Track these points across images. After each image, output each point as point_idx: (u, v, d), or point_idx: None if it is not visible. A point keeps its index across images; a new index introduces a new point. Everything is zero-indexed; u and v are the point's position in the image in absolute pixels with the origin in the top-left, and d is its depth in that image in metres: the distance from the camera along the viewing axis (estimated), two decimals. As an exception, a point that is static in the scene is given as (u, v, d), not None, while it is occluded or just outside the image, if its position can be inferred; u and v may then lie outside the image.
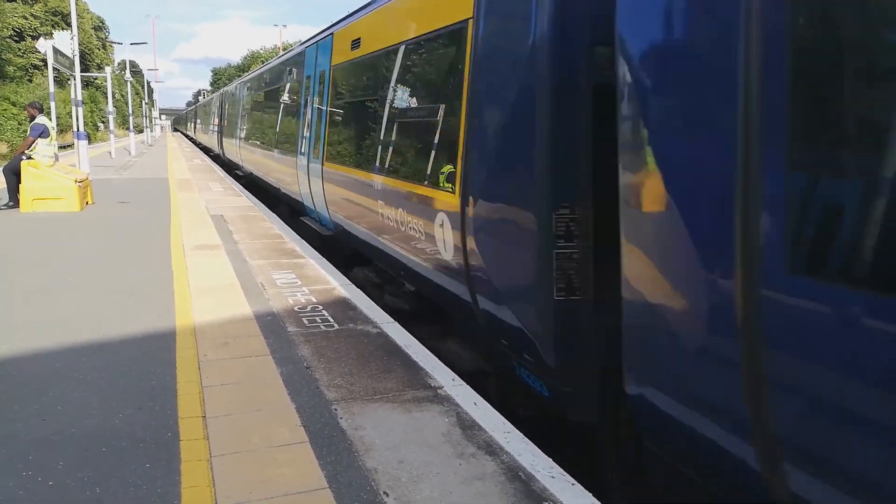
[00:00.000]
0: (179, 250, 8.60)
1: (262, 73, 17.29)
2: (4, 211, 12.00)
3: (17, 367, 4.44)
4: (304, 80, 10.90)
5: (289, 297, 6.40)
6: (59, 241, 9.28)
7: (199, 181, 19.18)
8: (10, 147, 31.21)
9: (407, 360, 4.75)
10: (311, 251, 8.89)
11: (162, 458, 3.29)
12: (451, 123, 4.77)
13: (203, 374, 4.39)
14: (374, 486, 3.08)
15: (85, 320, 5.50)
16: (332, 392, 4.15)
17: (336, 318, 5.75)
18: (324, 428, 3.65)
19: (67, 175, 12.64)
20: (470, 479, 3.16)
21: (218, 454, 3.33)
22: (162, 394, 4.07)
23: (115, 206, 13.13)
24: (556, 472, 3.24)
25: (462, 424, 3.75)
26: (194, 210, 12.70)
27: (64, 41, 19.03)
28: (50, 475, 3.10)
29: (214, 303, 6.11)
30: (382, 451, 3.41)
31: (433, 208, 4.98)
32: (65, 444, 3.40)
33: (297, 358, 4.73)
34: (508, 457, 3.39)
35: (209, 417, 3.75)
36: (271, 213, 12.61)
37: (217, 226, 10.80)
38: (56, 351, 4.78)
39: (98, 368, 4.44)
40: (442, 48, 5.18)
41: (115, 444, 3.41)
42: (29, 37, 47.82)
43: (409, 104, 6.11)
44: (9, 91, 37.33)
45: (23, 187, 11.95)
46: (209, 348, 4.89)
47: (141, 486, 3.02)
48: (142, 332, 5.26)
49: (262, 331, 5.32)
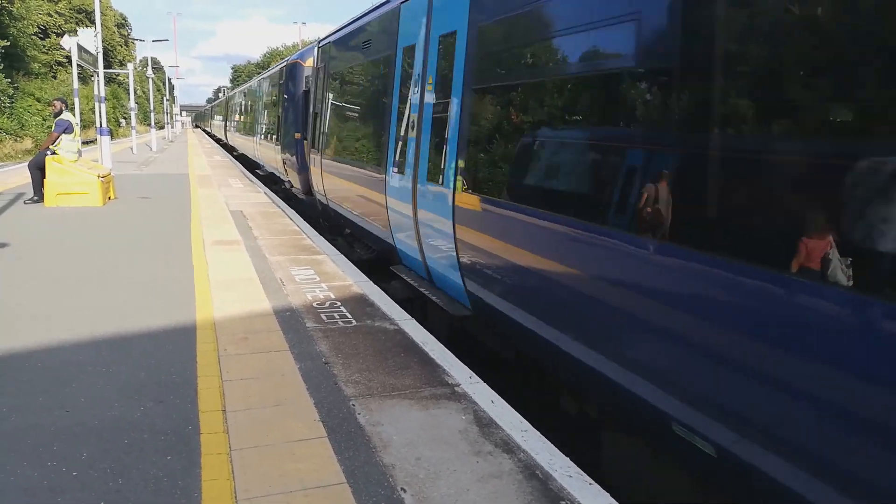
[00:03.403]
0: (199, 245, 8.69)
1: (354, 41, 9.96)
2: (30, 205, 12.20)
3: (42, 359, 4.52)
4: (400, 56, 7.00)
5: (307, 292, 6.44)
6: (82, 235, 9.41)
7: (218, 177, 19.35)
8: (35, 143, 31.72)
9: (424, 357, 4.76)
10: (329, 248, 8.93)
11: (182, 450, 3.33)
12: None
13: (223, 368, 4.44)
14: (392, 482, 3.09)
15: (107, 314, 5.58)
16: (350, 388, 4.17)
17: (354, 314, 5.77)
18: (342, 423, 3.67)
19: (90, 170, 12.83)
20: (487, 476, 3.17)
21: (237, 448, 3.37)
22: (182, 387, 4.11)
23: (137, 202, 13.29)
24: (574, 472, 3.23)
25: (479, 422, 3.75)
26: (214, 206, 12.81)
27: (88, 38, 19.26)
28: (73, 465, 3.15)
29: (234, 298, 6.17)
30: (400, 447, 3.42)
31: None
32: (87, 436, 3.45)
33: (316, 353, 4.76)
34: (525, 455, 3.38)
35: (229, 411, 3.79)
36: (290, 210, 12.69)
37: (237, 222, 10.89)
38: (79, 343, 4.85)
39: (120, 361, 4.51)
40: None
41: (137, 437, 3.45)
42: (53, 34, 48.47)
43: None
44: (33, 87, 37.93)
45: (47, 182, 12.15)
46: (229, 343, 4.94)
47: (162, 479, 3.06)
48: (163, 325, 5.32)
49: (281, 326, 5.36)
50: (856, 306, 2.18)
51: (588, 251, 3.64)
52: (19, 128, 33.80)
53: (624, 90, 3.46)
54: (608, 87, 3.65)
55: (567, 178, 4.06)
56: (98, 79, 19.99)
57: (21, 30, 36.99)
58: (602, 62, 3.73)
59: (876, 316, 2.12)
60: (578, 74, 3.95)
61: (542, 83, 4.32)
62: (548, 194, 4.17)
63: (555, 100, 4.22)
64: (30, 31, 40.28)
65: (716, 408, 2.74)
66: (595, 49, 3.79)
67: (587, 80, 3.87)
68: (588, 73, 3.85)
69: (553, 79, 4.21)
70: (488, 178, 4.94)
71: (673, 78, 3.07)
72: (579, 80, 3.95)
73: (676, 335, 2.96)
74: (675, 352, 2.98)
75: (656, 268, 3.05)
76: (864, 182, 2.22)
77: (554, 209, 3.96)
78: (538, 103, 4.40)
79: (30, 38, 40.20)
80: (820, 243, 2.30)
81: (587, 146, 3.86)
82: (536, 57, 4.45)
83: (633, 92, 3.40)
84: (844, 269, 2.20)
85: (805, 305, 2.34)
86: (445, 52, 5.68)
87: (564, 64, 4.07)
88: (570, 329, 3.89)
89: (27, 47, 38.94)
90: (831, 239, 2.26)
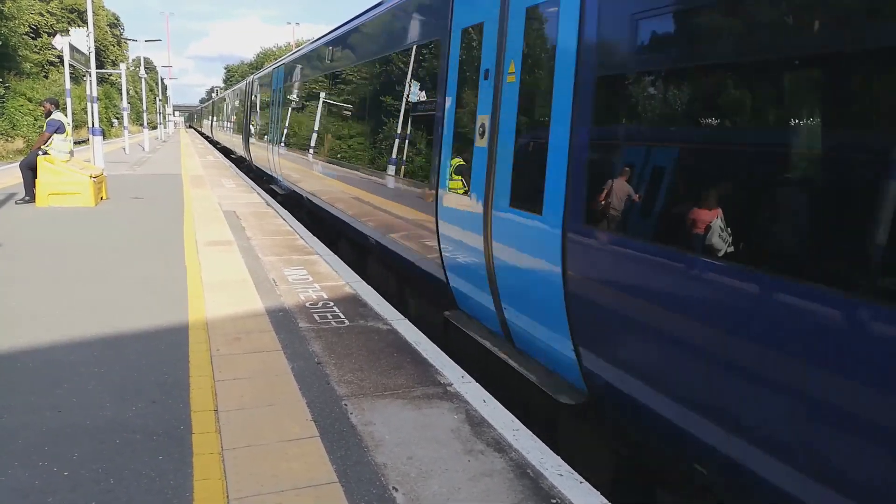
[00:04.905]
0: (192, 246, 8.67)
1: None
2: (21, 205, 12.14)
3: (33, 359, 4.51)
4: (456, 40, 5.46)
5: (300, 293, 6.44)
6: (74, 235, 9.38)
7: (211, 178, 19.30)
8: (27, 143, 31.57)
9: (417, 357, 4.77)
10: (322, 248, 8.93)
11: (174, 450, 3.33)
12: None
13: (215, 368, 4.44)
14: (384, 481, 3.10)
15: (99, 314, 5.57)
16: (342, 388, 4.18)
17: (347, 314, 5.78)
18: (334, 423, 3.68)
19: (82, 170, 12.78)
20: (478, 475, 3.18)
21: (230, 448, 3.37)
22: (175, 387, 4.11)
23: (130, 202, 13.25)
24: (564, 470, 3.26)
25: (471, 421, 3.77)
26: (207, 206, 12.79)
27: (80, 38, 19.18)
28: (64, 466, 3.15)
29: (227, 298, 6.17)
30: (392, 446, 3.43)
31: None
32: (79, 436, 3.45)
33: (309, 353, 4.76)
34: (517, 454, 3.40)
35: (221, 411, 3.79)
36: (283, 210, 12.68)
37: (230, 222, 10.87)
38: (71, 344, 4.84)
39: (111, 362, 4.50)
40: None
41: (129, 437, 3.45)
42: (45, 33, 48.24)
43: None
44: (25, 87, 37.70)
45: (39, 182, 12.10)
46: (222, 343, 4.94)
47: (154, 478, 3.07)
48: (155, 326, 5.32)
49: (273, 326, 5.36)
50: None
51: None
52: (10, 128, 33.66)
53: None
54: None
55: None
56: (90, 79, 19.89)
57: (12, 29, 36.77)
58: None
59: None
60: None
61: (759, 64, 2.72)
62: (764, 236, 2.64)
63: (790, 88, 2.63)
64: (21, 31, 40.05)
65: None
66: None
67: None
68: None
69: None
70: (640, 210, 3.31)
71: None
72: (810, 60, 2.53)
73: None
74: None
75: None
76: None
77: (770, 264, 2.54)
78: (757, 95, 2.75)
79: (21, 37, 39.97)
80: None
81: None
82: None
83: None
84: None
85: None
86: (543, 26, 4.19)
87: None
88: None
89: (18, 47, 38.71)
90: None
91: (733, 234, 2.70)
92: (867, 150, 2.31)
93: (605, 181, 3.49)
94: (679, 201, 3.07)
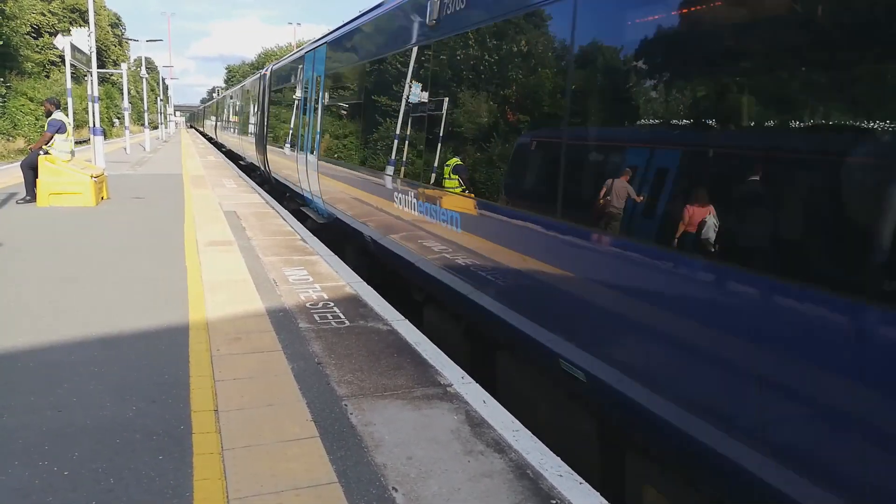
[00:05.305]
0: (193, 246, 8.68)
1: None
2: (22, 205, 12.15)
3: (34, 359, 4.51)
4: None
5: (300, 293, 6.44)
6: (75, 235, 9.38)
7: (212, 178, 19.31)
8: (28, 142, 31.58)
9: (417, 358, 4.77)
10: (323, 248, 8.94)
11: (174, 450, 3.34)
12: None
13: (216, 368, 4.44)
14: (384, 481, 3.10)
15: (99, 314, 5.57)
16: (342, 388, 4.18)
17: (347, 314, 5.78)
18: (334, 423, 3.68)
19: (83, 170, 12.78)
20: (478, 476, 3.18)
21: (229, 448, 3.37)
22: (175, 387, 4.11)
23: (130, 202, 13.26)
24: (564, 471, 3.26)
25: (471, 422, 3.77)
26: (208, 206, 12.79)
27: (81, 38, 19.24)
28: (64, 465, 3.15)
29: (227, 298, 6.17)
30: (392, 447, 3.44)
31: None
32: (79, 436, 3.45)
33: (309, 354, 4.77)
34: (516, 455, 3.40)
35: (221, 411, 3.79)
36: (284, 210, 12.68)
37: (230, 222, 10.87)
38: (71, 343, 4.85)
39: (112, 361, 4.50)
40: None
41: (129, 437, 3.46)
42: (46, 33, 48.32)
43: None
44: (26, 87, 37.78)
45: (40, 182, 12.10)
46: (222, 343, 4.94)
47: (154, 478, 3.07)
48: (155, 326, 5.32)
49: (273, 326, 5.37)
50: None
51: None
52: (11, 127, 33.70)
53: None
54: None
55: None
56: (91, 78, 19.93)
57: (14, 29, 36.84)
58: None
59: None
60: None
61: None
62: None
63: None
64: (23, 31, 40.15)
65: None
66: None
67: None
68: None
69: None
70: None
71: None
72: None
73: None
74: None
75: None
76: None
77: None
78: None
79: (23, 37, 40.06)
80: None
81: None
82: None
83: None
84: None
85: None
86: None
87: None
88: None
89: (20, 46, 38.78)
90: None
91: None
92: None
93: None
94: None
